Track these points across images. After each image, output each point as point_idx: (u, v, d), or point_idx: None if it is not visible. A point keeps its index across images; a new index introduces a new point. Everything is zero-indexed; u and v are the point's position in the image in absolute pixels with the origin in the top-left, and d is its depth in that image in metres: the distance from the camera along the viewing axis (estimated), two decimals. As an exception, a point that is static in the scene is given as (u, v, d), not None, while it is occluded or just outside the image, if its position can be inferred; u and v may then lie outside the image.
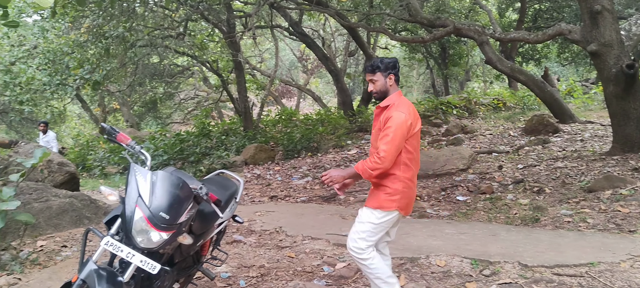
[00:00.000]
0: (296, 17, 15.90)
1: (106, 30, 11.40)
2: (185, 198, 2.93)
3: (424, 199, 7.66)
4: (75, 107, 27.60)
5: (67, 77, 12.51)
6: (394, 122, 3.16)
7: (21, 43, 14.32)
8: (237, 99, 17.53)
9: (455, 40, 19.86)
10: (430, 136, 12.51)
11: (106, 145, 17.64)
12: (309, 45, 16.27)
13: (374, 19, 13.94)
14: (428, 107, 16.09)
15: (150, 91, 22.17)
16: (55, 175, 8.84)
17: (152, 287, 3.04)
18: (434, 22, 10.29)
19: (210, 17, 13.76)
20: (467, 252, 4.69)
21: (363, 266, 3.40)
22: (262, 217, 7.06)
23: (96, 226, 5.12)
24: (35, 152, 5.13)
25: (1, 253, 4.95)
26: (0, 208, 4.51)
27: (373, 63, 3.37)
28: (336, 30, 21.78)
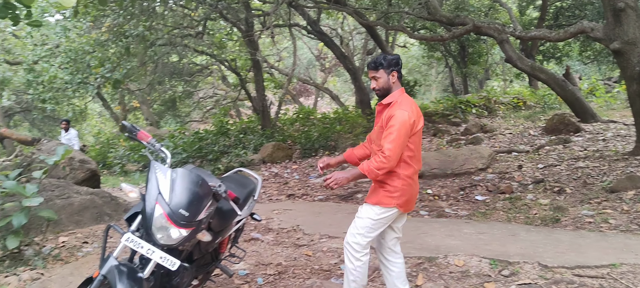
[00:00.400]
0: (314, 15, 15.91)
1: (126, 29, 11.53)
2: (205, 195, 2.95)
3: (443, 199, 7.60)
4: (96, 106, 27.98)
5: (88, 75, 12.67)
6: (397, 121, 3.16)
7: (44, 42, 14.52)
8: (255, 97, 17.60)
9: (475, 39, 19.68)
10: (449, 135, 12.42)
11: (126, 143, 17.85)
12: (327, 44, 16.25)
13: (392, 17, 13.87)
14: (447, 105, 15.97)
15: (170, 90, 22.37)
16: (76, 172, 8.97)
17: (172, 283, 3.07)
18: (453, 20, 10.20)
19: (229, 16, 13.83)
20: (485, 251, 4.65)
21: (351, 263, 3.42)
22: (279, 215, 7.08)
23: (117, 223, 5.17)
24: (57, 149, 5.22)
25: (24, 249, 5.04)
26: (24, 204, 4.59)
27: (376, 60, 3.35)
28: (354, 29, 21.71)
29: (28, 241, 5.18)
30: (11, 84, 18.52)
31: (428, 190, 8.08)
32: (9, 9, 4.94)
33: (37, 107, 20.99)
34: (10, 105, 22.37)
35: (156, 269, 2.90)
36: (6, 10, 4.89)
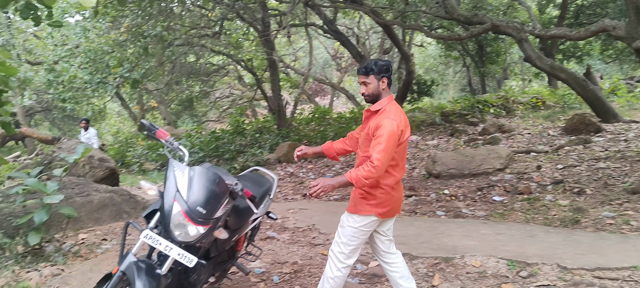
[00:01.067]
0: (331, 15, 15.90)
1: (145, 29, 11.65)
2: (222, 193, 2.97)
3: (460, 199, 7.55)
4: (115, 105, 28.30)
5: (107, 75, 12.82)
6: (385, 130, 3.12)
7: (64, 42, 14.72)
8: (271, 97, 17.64)
9: (493, 38, 19.50)
10: (466, 135, 12.33)
11: (145, 142, 18.03)
12: (343, 43, 16.23)
13: (409, 16, 13.81)
14: (464, 105, 15.86)
15: (187, 89, 22.53)
16: (96, 170, 9.09)
17: (189, 280, 3.10)
18: (471, 19, 10.14)
19: (246, 16, 13.89)
20: (503, 252, 4.61)
21: (330, 272, 3.41)
22: (295, 215, 7.10)
23: (135, 220, 5.23)
24: (77, 148, 5.29)
25: (45, 245, 5.12)
26: (45, 201, 4.66)
27: (367, 65, 3.31)
28: (371, 28, 21.66)
29: (49, 238, 5.26)
30: (32, 84, 18.78)
31: (445, 190, 8.03)
32: (31, 9, 5.02)
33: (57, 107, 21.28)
34: (31, 104, 22.69)
35: (174, 266, 2.93)
36: (28, 11, 4.97)
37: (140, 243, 2.88)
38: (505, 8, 18.42)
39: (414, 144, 12.08)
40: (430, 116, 15.18)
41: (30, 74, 17.77)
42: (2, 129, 5.02)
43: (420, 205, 7.47)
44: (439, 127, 13.71)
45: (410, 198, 7.88)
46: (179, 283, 3.11)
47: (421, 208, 7.24)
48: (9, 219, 5.33)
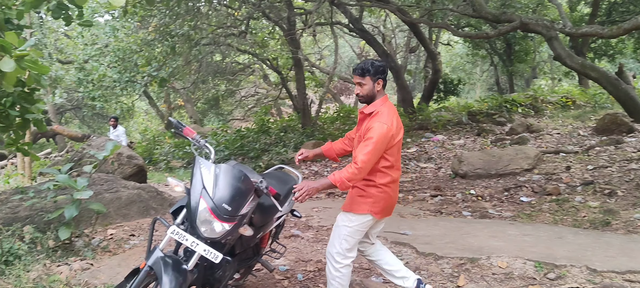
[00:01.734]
0: (356, 13, 15.86)
1: (172, 28, 11.80)
2: (247, 191, 2.99)
3: (486, 199, 7.46)
4: (143, 104, 28.75)
5: (135, 74, 13.03)
6: (376, 133, 3.13)
7: (94, 42, 15.01)
8: (296, 96, 17.70)
9: (522, 36, 19.20)
10: (493, 135, 12.18)
11: (172, 140, 18.28)
12: (369, 42, 16.17)
13: (436, 14, 13.69)
14: (491, 104, 15.66)
15: (213, 88, 22.75)
16: (124, 167, 9.25)
17: (214, 276, 3.14)
18: (499, 17, 10.00)
19: (272, 15, 13.96)
20: (530, 254, 4.53)
21: (330, 273, 3.41)
22: (319, 213, 7.11)
23: (162, 216, 5.31)
24: (106, 145, 5.39)
25: (75, 240, 5.23)
26: (75, 197, 4.77)
27: (363, 66, 3.30)
28: (397, 27, 21.54)
29: (78, 233, 5.38)
30: (63, 82, 19.22)
31: (471, 190, 7.95)
32: (62, 9, 5.13)
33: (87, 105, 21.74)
34: (61, 102, 23.24)
35: (200, 262, 2.96)
36: (60, 11, 5.08)
37: (167, 238, 2.92)
38: (535, 5, 18.09)
39: (440, 144, 11.98)
40: (456, 115, 15.04)
41: (61, 72, 18.18)
42: (34, 126, 5.14)
43: (446, 205, 7.40)
44: (466, 127, 13.56)
45: (435, 198, 7.82)
46: (205, 279, 3.14)
47: (447, 208, 7.18)
48: (40, 214, 5.46)
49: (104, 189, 6.56)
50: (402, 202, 7.91)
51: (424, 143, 12.37)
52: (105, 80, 13.83)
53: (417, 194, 8.17)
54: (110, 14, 14.11)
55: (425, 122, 14.39)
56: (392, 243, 5.32)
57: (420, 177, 9.55)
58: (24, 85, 4.59)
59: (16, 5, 4.62)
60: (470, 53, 23.83)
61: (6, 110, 4.68)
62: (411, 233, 5.66)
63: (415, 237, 5.45)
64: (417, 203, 7.70)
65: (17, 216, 5.42)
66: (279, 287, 4.30)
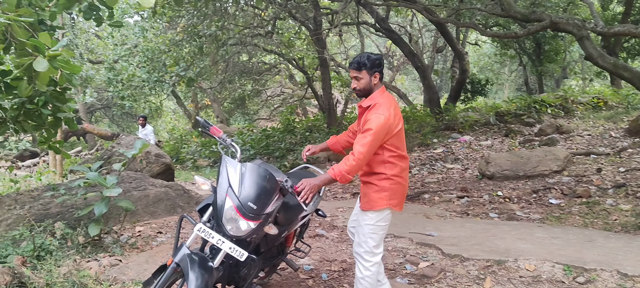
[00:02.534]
0: (383, 13, 15.80)
1: (200, 29, 11.93)
2: (272, 189, 3.01)
3: (514, 201, 7.35)
4: (171, 103, 29.16)
5: (163, 74, 13.23)
6: (373, 124, 3.12)
7: (123, 42, 15.30)
8: (322, 95, 17.72)
9: (552, 35, 18.85)
10: (521, 136, 11.99)
11: (198, 139, 18.49)
12: (396, 42, 16.09)
13: (464, 13, 13.54)
14: (520, 105, 15.42)
15: (239, 88, 22.94)
16: (152, 165, 9.39)
17: (240, 273, 3.16)
18: (528, 17, 9.82)
19: (298, 15, 14.00)
20: (559, 257, 4.45)
21: (360, 273, 3.40)
22: (344, 213, 7.10)
23: (189, 214, 5.36)
24: (135, 143, 5.48)
25: (104, 236, 5.33)
26: (104, 194, 4.86)
27: (359, 60, 3.26)
28: (424, 26, 21.38)
29: (107, 229, 5.48)
30: (93, 82, 19.62)
31: (498, 192, 7.84)
32: (94, 10, 5.24)
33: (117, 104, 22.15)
34: (92, 102, 23.70)
35: (225, 259, 2.99)
36: (91, 12, 5.19)
37: (193, 236, 2.96)
38: (566, 4, 17.75)
39: (466, 144, 11.85)
40: (484, 116, 14.85)
41: (91, 72, 18.55)
42: (66, 125, 5.26)
43: (473, 206, 7.32)
44: (493, 127, 13.39)
45: (462, 199, 7.73)
46: (230, 277, 3.17)
47: (473, 210, 7.10)
48: (71, 211, 5.58)
49: (132, 187, 6.67)
50: (428, 203, 7.85)
51: (451, 144, 12.26)
52: (135, 79, 14.08)
53: (443, 195, 8.09)
54: (140, 15, 14.36)
55: (452, 123, 14.26)
56: (418, 244, 5.29)
57: (446, 178, 9.46)
58: (56, 84, 4.70)
59: (49, 7, 4.74)
60: (499, 53, 23.50)
61: (39, 109, 4.80)
62: (437, 234, 5.61)
63: (441, 238, 5.40)
64: (443, 204, 7.64)
65: (49, 212, 5.56)
66: (303, 286, 4.31)
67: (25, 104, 4.77)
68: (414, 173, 10.20)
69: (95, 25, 5.88)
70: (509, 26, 16.87)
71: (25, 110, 4.81)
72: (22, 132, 5.11)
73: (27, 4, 4.47)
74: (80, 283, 3.99)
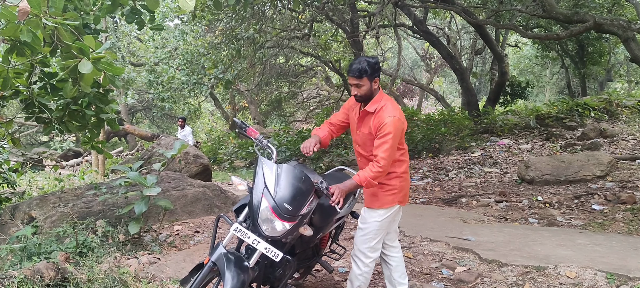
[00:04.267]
0: (421, 15, 15.66)
1: (238, 32, 12.08)
2: (307, 191, 3.02)
3: (554, 206, 7.17)
4: (209, 105, 29.58)
5: (202, 76, 13.44)
6: (391, 128, 3.16)
7: (164, 45, 15.61)
8: (359, 98, 17.65)
9: (596, 37, 18.30)
10: (563, 140, 11.69)
11: (235, 140, 18.71)
12: (433, 44, 15.91)
13: (503, 15, 13.29)
14: (562, 108, 15.02)
15: (276, 90, 23.11)
16: (190, 166, 9.56)
17: (275, 274, 3.19)
18: (571, 18, 9.58)
19: (335, 18, 14.01)
20: (602, 264, 4.31)
21: (358, 269, 3.48)
22: (380, 216, 7.04)
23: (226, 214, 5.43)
24: (174, 144, 5.59)
25: (144, 235, 5.46)
26: (144, 193, 4.97)
27: (360, 67, 3.24)
28: (462, 28, 21.09)
29: (147, 228, 5.61)
30: (135, 84, 20.08)
31: (538, 197, 7.66)
32: (136, 14, 5.37)
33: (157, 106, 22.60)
34: (133, 103, 24.26)
35: (260, 259, 3.02)
36: (133, 16, 5.33)
37: (230, 235, 3.00)
38: (611, 5, 17.21)
39: (505, 148, 11.62)
40: (524, 119, 14.53)
41: (133, 74, 19.00)
42: (108, 126, 5.41)
43: (511, 211, 7.17)
44: (534, 131, 13.09)
45: (500, 204, 7.59)
46: (265, 277, 3.20)
47: (512, 215, 6.96)
48: (112, 209, 5.74)
49: (171, 187, 6.80)
50: (465, 207, 7.74)
51: (489, 147, 12.05)
52: (174, 82, 14.36)
53: (481, 199, 7.96)
54: (180, 19, 14.62)
55: (490, 126, 14.01)
56: (454, 248, 5.21)
57: (484, 182, 9.30)
58: (100, 86, 4.85)
59: (93, 11, 4.88)
60: (540, 55, 22.94)
61: (83, 110, 4.95)
62: (474, 239, 5.53)
63: (479, 243, 5.32)
64: (481, 208, 7.51)
65: (91, 210, 5.72)
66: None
67: (69, 105, 4.92)
68: (451, 177, 10.06)
69: (137, 29, 6.02)
70: (551, 27, 16.47)
71: (69, 111, 4.96)
72: (66, 132, 5.28)
73: (72, 8, 4.62)
74: (120, 280, 4.09)
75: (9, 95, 4.90)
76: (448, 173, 10.34)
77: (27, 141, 25.30)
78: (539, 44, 20.41)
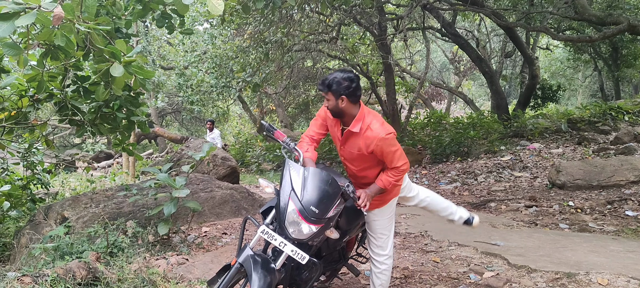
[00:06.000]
0: (449, 17, 15.53)
1: (266, 36, 12.18)
2: (334, 194, 3.02)
3: (586, 212, 7.01)
4: (237, 108, 29.85)
5: (231, 79, 13.59)
6: (394, 143, 3.22)
7: (193, 49, 15.84)
8: (386, 101, 17.59)
9: (630, 39, 17.87)
10: (595, 144, 11.42)
11: (263, 143, 18.83)
12: (462, 47, 15.77)
13: (534, 17, 13.09)
14: (594, 112, 14.69)
15: (303, 93, 23.17)
16: (218, 168, 9.66)
17: (301, 276, 3.20)
18: (604, 20, 9.39)
19: (363, 21, 14.00)
20: (635, 272, 4.20)
21: (379, 267, 3.60)
22: (407, 220, 7.02)
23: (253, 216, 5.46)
24: (203, 147, 5.67)
25: (172, 236, 5.54)
26: (174, 195, 5.05)
27: (327, 80, 3.21)
28: (492, 31, 20.82)
29: (176, 229, 5.69)
30: (164, 87, 20.42)
31: (570, 202, 7.50)
32: (166, 18, 5.47)
33: (186, 108, 22.92)
34: (163, 106, 24.65)
35: (287, 262, 3.04)
36: (163, 20, 5.42)
37: (257, 237, 3.02)
38: (646, 6, 16.80)
39: (536, 152, 11.43)
40: (555, 123, 14.27)
41: (163, 78, 19.32)
42: (139, 128, 5.51)
43: (542, 216, 7.04)
44: (565, 135, 12.84)
45: (530, 208, 7.46)
46: (292, 279, 3.22)
47: (542, 220, 6.83)
48: (142, 210, 5.84)
49: (199, 189, 6.89)
50: (494, 211, 7.63)
51: (519, 151, 11.85)
52: (203, 85, 14.55)
53: (511, 204, 7.84)
54: (209, 23, 14.81)
55: (520, 130, 13.79)
56: (483, 253, 5.15)
57: (514, 187, 9.16)
58: (131, 89, 4.95)
59: (125, 16, 4.99)
60: (572, 57, 22.51)
61: (114, 112, 5.06)
62: (503, 244, 5.44)
63: (508, 248, 5.24)
64: (510, 213, 7.39)
65: (122, 211, 5.84)
66: (364, 291, 4.30)
67: (101, 108, 5.03)
68: (480, 181, 9.93)
69: (168, 33, 6.13)
70: (583, 30, 16.15)
71: (101, 113, 5.08)
72: (98, 134, 5.40)
73: (105, 13, 4.73)
74: (150, 280, 4.16)
75: (43, 98, 5.04)
76: (477, 178, 10.21)
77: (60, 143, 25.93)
78: (571, 46, 20.03)
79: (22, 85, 4.96)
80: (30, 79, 4.30)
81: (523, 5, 12.54)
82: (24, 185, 7.42)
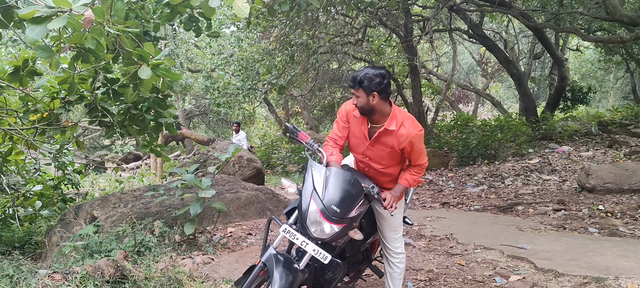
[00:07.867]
0: (477, 19, 15.37)
1: (292, 38, 12.24)
2: (357, 194, 3.03)
3: (617, 216, 6.87)
4: (263, 110, 30.03)
5: (257, 82, 13.70)
6: (421, 140, 3.25)
7: (220, 52, 16.00)
8: (412, 103, 17.50)
9: (663, 40, 17.40)
10: (627, 147, 11.16)
11: (288, 145, 18.92)
12: (490, 48, 15.59)
13: (563, 18, 12.87)
14: (626, 114, 14.37)
15: (329, 96, 23.19)
16: (244, 169, 9.75)
17: (325, 277, 3.21)
18: (636, 20, 9.18)
19: (389, 23, 13.96)
20: (668, 278, 4.10)
21: (397, 265, 3.61)
22: (432, 223, 6.97)
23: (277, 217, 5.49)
24: (229, 148, 5.73)
25: (198, 236, 5.62)
26: (200, 195, 5.12)
27: (355, 76, 3.17)
28: (520, 32, 20.53)
29: (202, 229, 5.77)
30: (192, 90, 20.66)
31: (599, 205, 7.36)
32: (193, 21, 5.55)
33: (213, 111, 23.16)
34: (190, 108, 24.95)
35: (310, 262, 3.05)
36: (191, 23, 5.50)
37: (280, 237, 3.05)
38: (680, 6, 16.35)
39: (565, 155, 11.22)
40: (585, 125, 13.99)
41: (190, 80, 19.56)
42: (166, 130, 5.60)
43: (570, 220, 6.92)
44: (595, 138, 12.58)
45: (558, 212, 7.33)
46: (315, 280, 3.23)
47: (571, 224, 6.71)
48: (169, 210, 5.93)
49: (225, 189, 6.96)
50: (521, 215, 7.52)
51: (548, 154, 11.66)
52: (230, 87, 14.69)
53: (538, 207, 7.72)
54: (236, 26, 14.95)
55: (549, 132, 13.56)
56: (509, 256, 5.08)
57: (542, 190, 9.02)
58: (158, 91, 5.03)
59: (153, 19, 5.09)
60: (603, 59, 22.02)
61: (142, 114, 5.16)
62: (529, 247, 5.37)
63: (534, 252, 5.16)
64: (538, 216, 7.28)
65: (149, 211, 5.94)
66: (388, 293, 4.29)
67: (130, 110, 5.14)
68: (507, 184, 9.81)
69: (195, 36, 6.22)
70: (615, 30, 15.80)
71: (130, 115, 5.18)
72: (127, 135, 5.51)
73: (134, 17, 4.84)
74: (176, 278, 4.23)
75: (74, 100, 5.17)
76: (504, 180, 10.08)
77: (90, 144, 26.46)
78: (602, 47, 19.59)
79: (54, 88, 5.10)
80: (62, 81, 4.42)
81: (552, 6, 12.33)
82: (55, 185, 7.61)
